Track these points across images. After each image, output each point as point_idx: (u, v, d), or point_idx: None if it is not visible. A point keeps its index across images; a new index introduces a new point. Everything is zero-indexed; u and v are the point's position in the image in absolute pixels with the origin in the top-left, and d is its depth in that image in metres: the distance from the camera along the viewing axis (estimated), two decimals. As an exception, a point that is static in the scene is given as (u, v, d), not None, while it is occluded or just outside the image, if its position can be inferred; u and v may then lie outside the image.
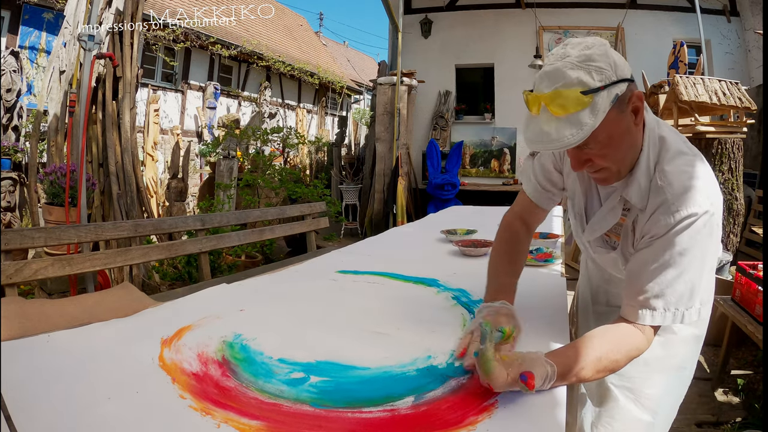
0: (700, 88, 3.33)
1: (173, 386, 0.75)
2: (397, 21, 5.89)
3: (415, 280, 1.38)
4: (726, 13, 5.86)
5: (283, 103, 10.59)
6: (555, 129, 0.75)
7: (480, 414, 0.69)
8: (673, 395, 1.05)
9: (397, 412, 0.71)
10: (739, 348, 2.39)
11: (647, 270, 0.82)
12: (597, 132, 0.75)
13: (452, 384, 0.78)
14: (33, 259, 2.08)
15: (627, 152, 0.84)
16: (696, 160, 0.85)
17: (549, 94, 0.75)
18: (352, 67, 15.26)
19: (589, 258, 1.17)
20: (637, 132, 0.84)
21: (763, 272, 2.01)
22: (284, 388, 0.76)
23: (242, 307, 1.13)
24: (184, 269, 3.51)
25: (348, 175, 6.64)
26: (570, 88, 0.73)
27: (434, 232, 2.10)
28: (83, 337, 0.92)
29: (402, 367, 0.84)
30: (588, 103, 0.73)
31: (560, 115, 0.74)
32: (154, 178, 5.68)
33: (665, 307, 0.81)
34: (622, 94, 0.77)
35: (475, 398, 0.73)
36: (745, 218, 3.87)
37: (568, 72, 0.74)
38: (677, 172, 0.82)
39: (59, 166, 2.91)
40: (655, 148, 0.85)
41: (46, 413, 0.66)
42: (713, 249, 0.83)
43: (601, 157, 0.82)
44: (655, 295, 0.81)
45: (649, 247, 0.83)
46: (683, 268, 0.80)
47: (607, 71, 0.74)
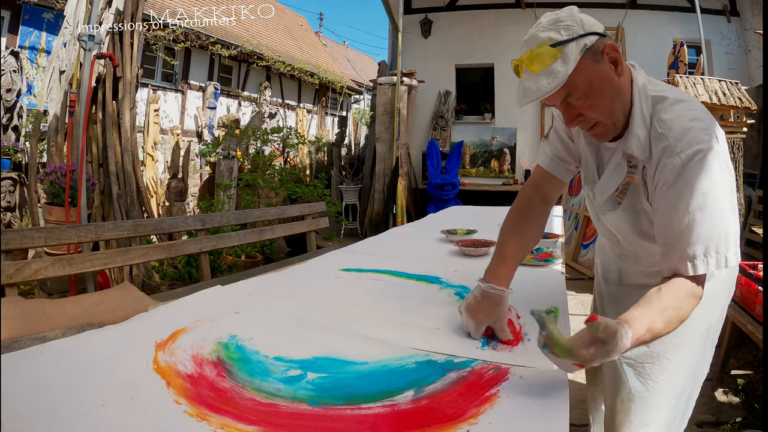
0: (700, 88, 3.33)
1: (168, 391, 0.74)
2: (397, 21, 5.89)
3: (418, 278, 1.38)
4: (726, 13, 5.85)
5: (283, 103, 10.59)
6: (534, 83, 0.83)
7: (482, 405, 0.68)
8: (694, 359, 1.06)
9: (397, 407, 0.70)
10: (739, 348, 2.39)
11: (674, 220, 0.82)
12: (575, 80, 0.82)
13: (452, 376, 0.78)
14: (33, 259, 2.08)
15: (614, 102, 0.87)
16: (695, 104, 0.87)
17: (526, 54, 0.84)
18: (352, 67, 15.26)
19: (602, 234, 1.17)
20: (622, 83, 0.87)
21: (763, 272, 2.01)
22: (281, 386, 0.76)
23: (241, 308, 1.12)
24: (184, 269, 3.51)
25: (348, 175, 6.64)
26: (541, 46, 0.82)
27: (434, 232, 2.10)
28: (76, 345, 0.90)
29: (400, 360, 0.84)
30: (558, 54, 0.81)
31: (538, 70, 0.82)
32: (154, 178, 5.68)
33: (705, 252, 0.80)
34: (593, 44, 0.83)
35: (477, 389, 0.72)
36: (745, 218, 3.86)
37: (539, 34, 0.83)
38: (676, 117, 0.84)
39: (59, 166, 2.91)
40: (648, 101, 0.88)
41: (40, 422, 0.65)
42: (729, 185, 0.83)
43: (588, 109, 0.86)
44: (691, 242, 0.80)
45: (666, 198, 0.83)
46: (708, 209, 0.79)
47: (574, 27, 0.82)
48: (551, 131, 1.12)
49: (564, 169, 1.11)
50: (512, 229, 1.06)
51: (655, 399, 1.04)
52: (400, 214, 5.43)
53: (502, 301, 0.93)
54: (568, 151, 1.09)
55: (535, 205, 1.10)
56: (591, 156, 1.03)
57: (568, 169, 1.10)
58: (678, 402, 1.07)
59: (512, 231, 1.05)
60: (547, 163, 1.11)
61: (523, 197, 1.12)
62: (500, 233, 1.07)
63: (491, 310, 0.91)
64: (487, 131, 6.72)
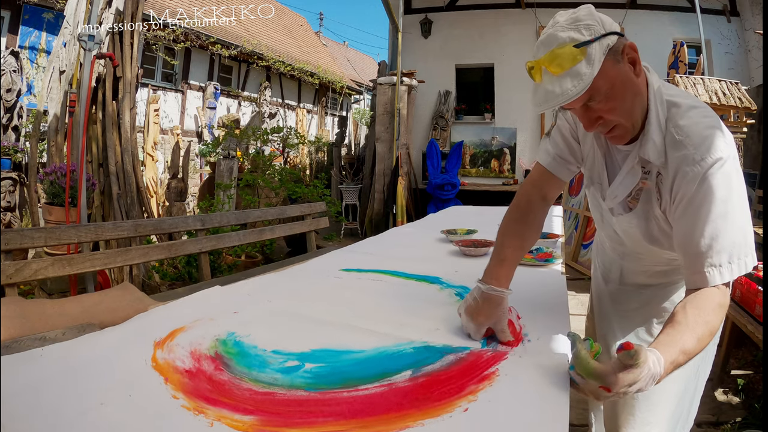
0: (700, 88, 3.33)
1: (166, 386, 0.74)
2: (397, 21, 5.89)
3: (418, 278, 1.38)
4: (726, 13, 5.85)
5: (283, 103, 10.59)
6: (558, 86, 0.79)
7: (481, 383, 0.68)
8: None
9: (394, 385, 0.70)
10: (739, 348, 2.39)
11: (697, 230, 0.81)
12: (598, 83, 0.79)
13: (450, 358, 0.78)
14: (33, 259, 2.08)
15: (634, 103, 0.85)
16: (708, 111, 0.86)
17: (546, 56, 0.80)
18: (352, 67, 15.25)
19: (605, 234, 1.16)
20: (640, 84, 0.86)
21: (763, 272, 2.01)
22: (278, 376, 0.76)
23: (240, 308, 1.12)
24: (184, 269, 3.51)
25: (348, 175, 6.64)
26: (563, 47, 0.78)
27: (434, 232, 2.10)
28: (75, 347, 0.90)
29: (398, 346, 0.83)
30: (582, 55, 0.77)
31: (560, 73, 0.78)
32: (154, 178, 5.68)
33: (729, 260, 0.80)
34: (614, 45, 0.80)
35: (475, 368, 0.72)
36: (745, 218, 3.86)
37: (559, 34, 0.79)
38: (693, 124, 0.83)
39: (59, 166, 2.91)
40: (663, 105, 0.87)
41: (39, 422, 0.65)
42: (745, 192, 0.83)
43: (609, 111, 0.84)
44: (716, 251, 0.80)
45: (688, 208, 0.82)
46: (730, 216, 0.79)
47: (595, 26, 0.79)
48: (554, 130, 1.10)
49: (566, 169, 1.08)
50: (511, 229, 1.04)
51: (658, 398, 1.04)
52: (400, 214, 5.43)
53: (503, 302, 0.92)
54: (571, 151, 1.06)
55: (534, 204, 1.08)
56: (599, 157, 1.01)
57: (569, 169, 1.08)
58: (682, 401, 1.06)
59: (511, 231, 1.04)
60: (549, 162, 1.09)
61: (522, 196, 1.10)
62: (499, 233, 1.05)
63: (492, 312, 0.90)
64: (487, 131, 6.72)
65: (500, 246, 1.02)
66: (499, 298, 0.92)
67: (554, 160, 1.08)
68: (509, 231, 1.04)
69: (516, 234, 1.04)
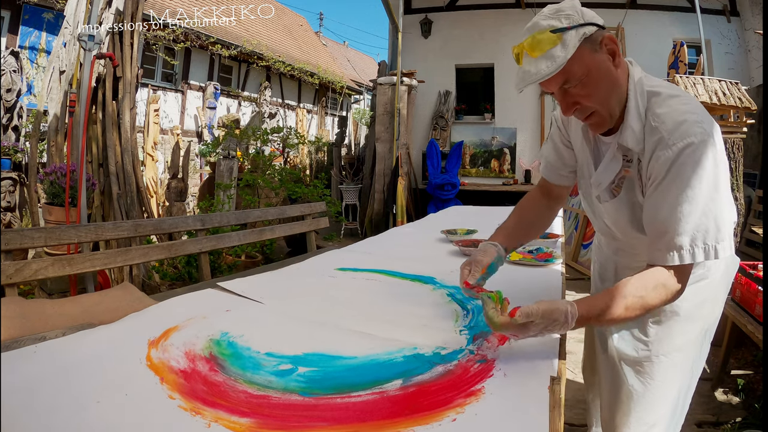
0: (700, 88, 3.33)
1: (162, 387, 0.74)
2: (397, 21, 5.89)
3: (412, 278, 1.39)
4: (726, 13, 5.85)
5: (283, 103, 10.59)
6: (534, 66, 0.86)
7: (468, 397, 0.70)
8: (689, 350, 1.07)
9: (386, 393, 0.72)
10: (739, 348, 2.39)
11: (662, 211, 0.84)
12: (573, 67, 0.85)
13: (439, 370, 0.80)
14: (33, 259, 2.08)
15: (610, 93, 0.90)
16: (689, 99, 0.89)
17: (527, 40, 0.87)
18: (352, 67, 15.25)
19: (599, 230, 1.22)
20: (619, 75, 0.90)
21: (763, 272, 2.01)
22: (273, 378, 0.77)
23: (233, 306, 1.13)
24: (184, 269, 3.51)
25: (348, 175, 6.63)
26: (543, 32, 0.85)
27: (434, 232, 2.10)
28: (69, 344, 0.90)
29: (389, 354, 0.86)
30: (559, 40, 0.84)
31: (537, 55, 0.85)
32: (154, 178, 5.68)
33: (692, 243, 0.82)
34: (592, 34, 0.86)
35: (463, 383, 0.75)
36: (745, 218, 3.86)
37: (541, 22, 0.87)
38: (669, 111, 0.86)
39: (59, 166, 2.90)
40: (644, 95, 0.90)
41: (34, 421, 0.65)
42: (723, 179, 0.84)
43: (585, 97, 0.89)
44: (678, 233, 0.82)
45: (657, 189, 0.86)
46: (698, 201, 0.81)
47: (574, 16, 0.86)
48: (547, 140, 1.19)
49: (560, 176, 1.17)
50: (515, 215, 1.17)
51: (654, 398, 1.05)
52: (400, 214, 5.43)
53: (494, 251, 1.03)
54: (561, 158, 1.15)
55: (538, 203, 1.20)
56: (587, 152, 1.06)
57: (561, 174, 1.17)
58: (677, 399, 1.07)
59: (515, 215, 1.17)
60: (543, 169, 1.21)
61: (528, 197, 1.23)
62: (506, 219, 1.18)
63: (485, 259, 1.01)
64: (487, 131, 6.72)
65: (503, 224, 1.15)
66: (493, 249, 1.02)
67: (547, 167, 1.19)
68: (513, 215, 1.17)
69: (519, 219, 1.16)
